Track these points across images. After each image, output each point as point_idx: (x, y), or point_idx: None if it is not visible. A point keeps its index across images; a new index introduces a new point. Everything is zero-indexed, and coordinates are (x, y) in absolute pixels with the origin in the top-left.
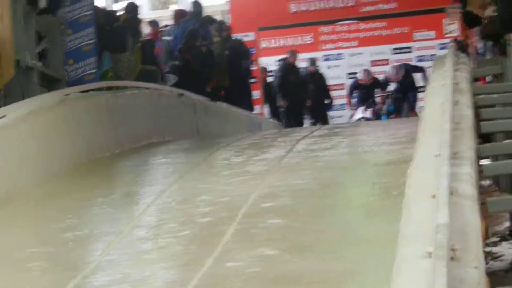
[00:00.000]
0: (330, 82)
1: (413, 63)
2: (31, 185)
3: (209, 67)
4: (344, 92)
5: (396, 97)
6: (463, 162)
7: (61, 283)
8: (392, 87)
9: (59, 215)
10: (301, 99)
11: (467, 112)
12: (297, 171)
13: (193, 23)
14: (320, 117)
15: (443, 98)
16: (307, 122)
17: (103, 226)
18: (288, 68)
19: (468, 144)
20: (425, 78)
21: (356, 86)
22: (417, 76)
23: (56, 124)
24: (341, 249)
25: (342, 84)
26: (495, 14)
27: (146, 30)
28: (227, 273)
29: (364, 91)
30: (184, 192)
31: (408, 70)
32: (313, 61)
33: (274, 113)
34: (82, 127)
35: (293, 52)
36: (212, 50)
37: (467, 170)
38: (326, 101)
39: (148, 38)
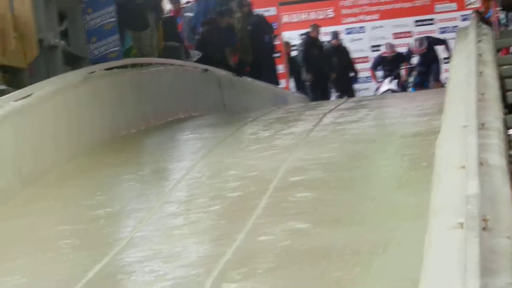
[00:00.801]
0: (353, 55)
1: (436, 35)
2: (61, 162)
3: (229, 43)
4: (369, 65)
5: (420, 70)
6: (491, 133)
7: (93, 260)
8: (415, 59)
9: (89, 192)
10: (325, 72)
11: (492, 83)
12: (325, 145)
13: None
14: (346, 90)
15: (467, 69)
16: (333, 95)
17: (133, 203)
18: (311, 42)
19: (494, 114)
20: (448, 50)
21: (379, 61)
22: (440, 48)
23: (81, 102)
24: (372, 221)
25: (366, 57)
26: None
27: (167, 6)
28: (259, 247)
29: (389, 66)
30: (213, 167)
31: (431, 43)
32: (336, 35)
33: (300, 87)
34: (107, 104)
35: (315, 26)
36: (233, 25)
37: (495, 141)
38: (351, 74)
39: (170, 15)
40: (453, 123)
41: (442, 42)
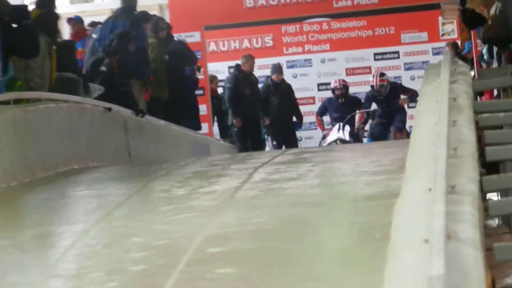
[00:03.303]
0: (296, 95)
1: (400, 72)
2: None
3: (140, 75)
4: (315, 108)
5: (380, 120)
6: (463, 198)
7: None
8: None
9: None
10: (258, 116)
11: (468, 135)
12: (254, 208)
13: (123, 20)
14: (286, 138)
15: (437, 117)
16: (268, 145)
17: (10, 276)
18: (242, 78)
19: (468, 175)
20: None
21: (327, 104)
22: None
23: None
24: None
25: (311, 98)
26: (501, 12)
27: (64, 29)
28: None
29: (339, 110)
30: (112, 232)
31: (396, 89)
32: (277, 68)
33: (226, 133)
34: None
35: (248, 57)
36: (146, 53)
37: (468, 208)
38: (295, 119)
39: (67, 39)
40: (416, 184)
41: (411, 93)
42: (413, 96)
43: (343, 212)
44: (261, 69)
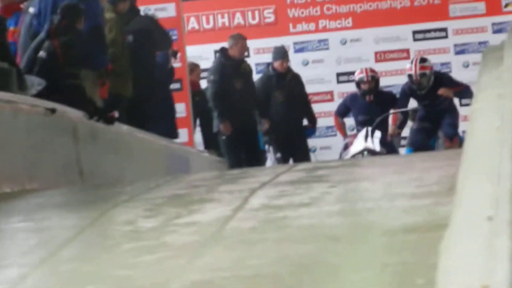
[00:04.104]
0: (307, 89)
1: (449, 56)
2: None
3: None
4: (333, 106)
5: (422, 121)
6: None
7: None
8: (414, 102)
9: None
10: (254, 119)
11: None
12: (252, 244)
13: None
14: (294, 149)
15: (500, 119)
16: (270, 158)
17: None
18: (229, 66)
19: None
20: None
21: (350, 102)
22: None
23: None
24: None
25: (328, 93)
26: None
27: None
28: None
29: (367, 110)
30: (58, 279)
31: (441, 79)
32: (281, 53)
33: (212, 143)
34: None
35: (237, 38)
36: (102, 33)
37: None
38: (306, 122)
39: None
40: (472, 211)
41: (459, 86)
42: (464, 92)
43: (372, 249)
44: (259, 54)
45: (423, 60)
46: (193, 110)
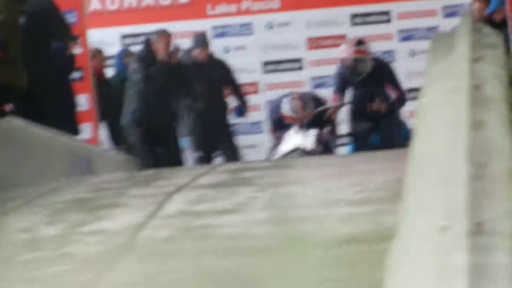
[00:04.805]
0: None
1: (394, 44)
2: None
3: None
4: (259, 99)
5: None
6: (495, 243)
7: None
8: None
9: None
10: (169, 112)
11: (501, 143)
12: (167, 257)
13: None
14: (218, 146)
15: (452, 115)
16: (188, 158)
17: None
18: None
19: (503, 206)
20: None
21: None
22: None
23: None
24: None
25: (253, 84)
26: None
27: None
28: None
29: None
30: None
31: (381, 70)
32: (201, 40)
33: (120, 140)
34: None
35: (162, 35)
36: None
37: (503, 259)
38: (233, 106)
39: None
40: (422, 221)
41: (397, 90)
42: (399, 102)
43: (305, 264)
44: (179, 40)
45: (359, 42)
46: (99, 103)
